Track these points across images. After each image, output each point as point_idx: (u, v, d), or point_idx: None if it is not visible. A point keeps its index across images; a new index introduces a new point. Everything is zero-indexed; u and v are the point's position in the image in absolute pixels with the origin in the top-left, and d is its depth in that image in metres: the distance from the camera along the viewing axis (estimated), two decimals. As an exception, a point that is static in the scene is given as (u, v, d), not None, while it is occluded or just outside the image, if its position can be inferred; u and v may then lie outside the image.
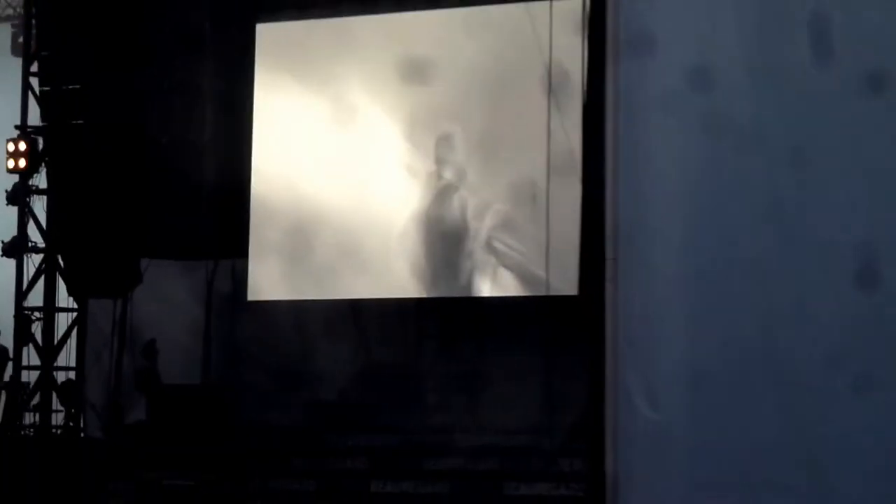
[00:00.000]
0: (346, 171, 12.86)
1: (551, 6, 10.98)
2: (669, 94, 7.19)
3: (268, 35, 13.46)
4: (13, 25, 15.55)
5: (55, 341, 12.36)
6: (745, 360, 7.64)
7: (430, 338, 12.30)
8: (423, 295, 12.92)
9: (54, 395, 12.33)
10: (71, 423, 12.32)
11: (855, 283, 6.70)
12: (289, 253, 12.97)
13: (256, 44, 13.21)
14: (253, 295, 13.06)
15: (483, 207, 12.50)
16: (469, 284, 12.65)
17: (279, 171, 12.98)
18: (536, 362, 11.36)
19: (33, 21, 13.38)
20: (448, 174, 12.43)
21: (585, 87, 8.47)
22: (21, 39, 13.95)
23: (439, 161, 12.46)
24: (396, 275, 13.03)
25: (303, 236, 12.93)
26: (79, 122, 12.60)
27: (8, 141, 12.44)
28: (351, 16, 13.66)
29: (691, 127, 6.84)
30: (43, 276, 12.31)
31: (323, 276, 13.10)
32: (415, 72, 12.52)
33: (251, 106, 12.87)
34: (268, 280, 13.18)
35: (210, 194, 12.59)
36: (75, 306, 12.68)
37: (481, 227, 12.46)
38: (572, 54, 8.61)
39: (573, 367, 9.15)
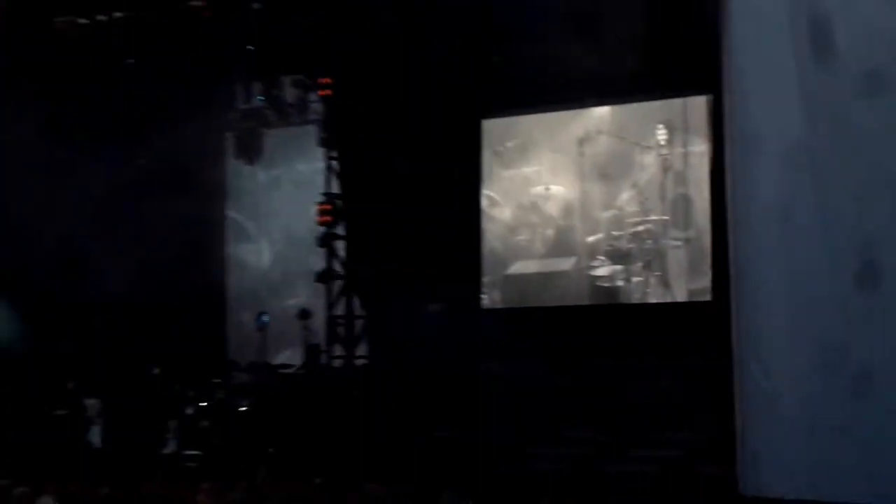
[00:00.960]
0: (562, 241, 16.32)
1: (685, 102, 14.92)
2: (774, 166, 10.31)
3: (492, 128, 17.30)
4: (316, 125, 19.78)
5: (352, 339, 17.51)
6: (839, 356, 9.90)
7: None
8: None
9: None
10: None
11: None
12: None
13: (482, 136, 17.28)
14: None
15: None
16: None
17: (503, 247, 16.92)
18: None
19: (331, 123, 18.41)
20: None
21: (712, 155, 12.21)
22: (324, 135, 18.79)
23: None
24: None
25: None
26: (362, 190, 17.67)
27: (318, 204, 17.44)
28: (560, 110, 16.90)
29: (790, 181, 10.23)
30: (344, 295, 17.53)
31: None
32: (605, 155, 15.91)
33: (478, 191, 17.09)
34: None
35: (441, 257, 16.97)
36: (364, 314, 17.83)
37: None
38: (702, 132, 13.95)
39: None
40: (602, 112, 15.92)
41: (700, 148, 14.88)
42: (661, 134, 15.02)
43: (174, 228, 18.76)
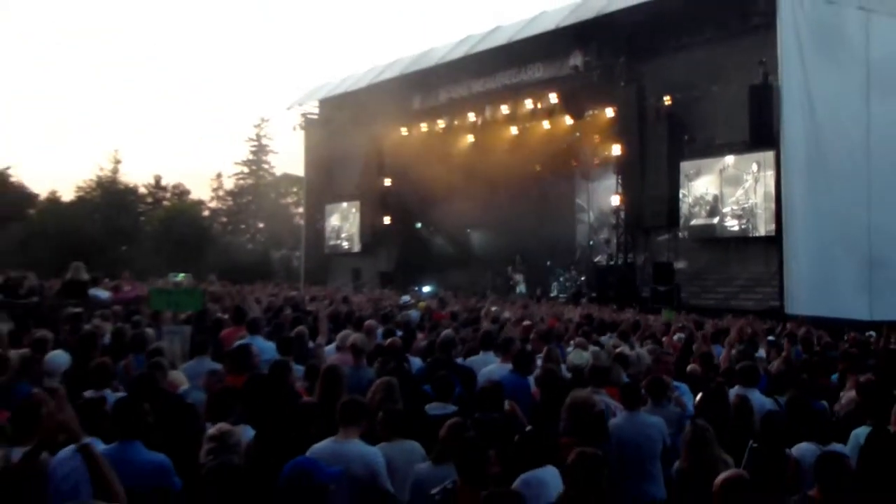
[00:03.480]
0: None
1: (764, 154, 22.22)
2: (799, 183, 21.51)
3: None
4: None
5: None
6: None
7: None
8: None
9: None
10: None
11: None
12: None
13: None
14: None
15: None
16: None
17: None
18: None
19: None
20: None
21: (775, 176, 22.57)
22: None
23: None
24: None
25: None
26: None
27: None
28: (712, 157, 25.18)
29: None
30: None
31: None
32: (730, 176, 24.50)
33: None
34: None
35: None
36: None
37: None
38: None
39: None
40: (728, 158, 24.34)
41: (769, 172, 22.73)
42: (754, 167, 23.42)
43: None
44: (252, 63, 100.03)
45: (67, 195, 56.04)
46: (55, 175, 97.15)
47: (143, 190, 58.63)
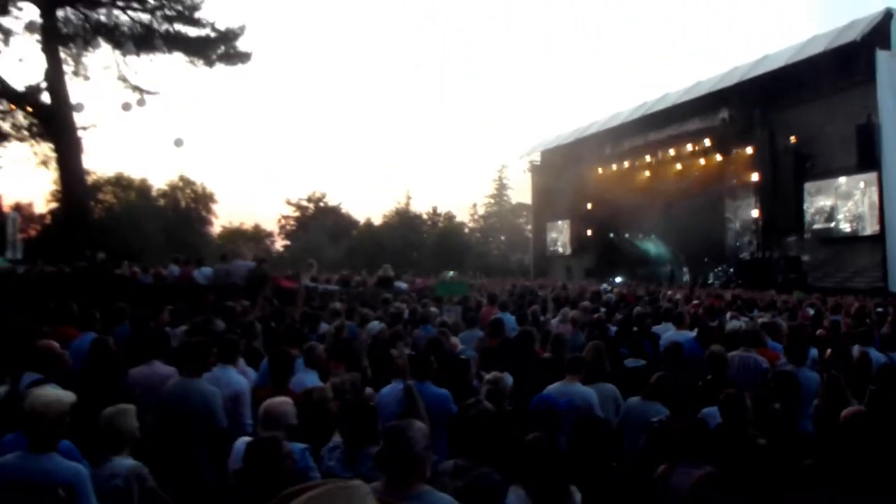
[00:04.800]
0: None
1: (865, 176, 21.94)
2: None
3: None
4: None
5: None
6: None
7: None
8: None
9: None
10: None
11: None
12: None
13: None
14: None
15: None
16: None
17: None
18: None
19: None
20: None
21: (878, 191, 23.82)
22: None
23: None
24: None
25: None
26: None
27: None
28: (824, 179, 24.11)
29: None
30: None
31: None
32: (840, 194, 24.42)
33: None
34: None
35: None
36: None
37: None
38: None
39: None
40: (841, 179, 23.59)
41: (873, 188, 22.01)
42: (861, 185, 22.67)
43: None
44: (495, 124, 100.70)
45: (377, 220, 58.85)
46: (369, 206, 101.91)
47: (425, 216, 60.67)
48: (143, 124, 73.14)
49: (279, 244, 58.37)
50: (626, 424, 5.76)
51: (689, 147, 29.06)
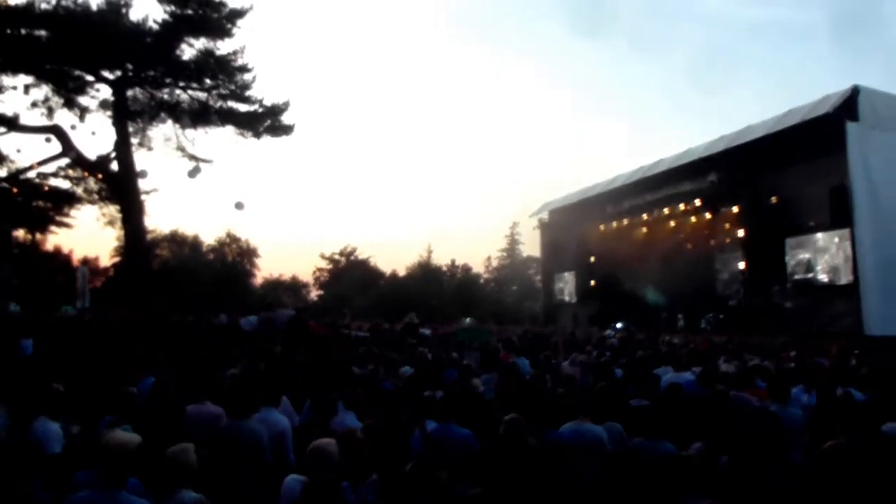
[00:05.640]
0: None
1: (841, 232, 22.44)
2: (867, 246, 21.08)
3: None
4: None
5: None
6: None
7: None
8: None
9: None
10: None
11: None
12: None
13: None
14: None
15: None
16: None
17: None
18: None
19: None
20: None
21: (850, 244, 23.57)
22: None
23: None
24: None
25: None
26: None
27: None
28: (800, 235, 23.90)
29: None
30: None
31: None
32: (818, 247, 25.78)
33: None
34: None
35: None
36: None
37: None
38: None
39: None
40: (819, 234, 23.22)
41: (847, 243, 21.77)
42: (836, 240, 22.40)
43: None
44: (508, 186, 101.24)
45: (401, 271, 58.87)
46: (395, 258, 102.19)
47: (444, 268, 60.67)
48: (198, 188, 74.04)
49: (314, 294, 58.46)
50: (632, 461, 5.65)
51: (682, 206, 29.08)
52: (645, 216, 31.63)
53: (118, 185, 28.60)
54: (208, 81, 29.88)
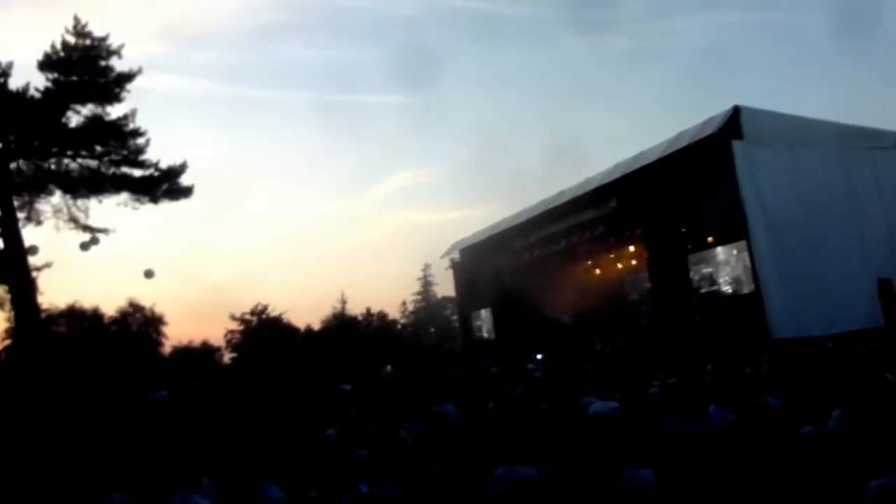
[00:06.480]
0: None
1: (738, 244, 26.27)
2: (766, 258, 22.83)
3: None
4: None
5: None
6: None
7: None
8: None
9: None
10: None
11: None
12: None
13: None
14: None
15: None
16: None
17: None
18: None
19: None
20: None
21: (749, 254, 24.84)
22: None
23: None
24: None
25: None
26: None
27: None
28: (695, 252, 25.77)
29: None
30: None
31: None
32: (720, 261, 26.28)
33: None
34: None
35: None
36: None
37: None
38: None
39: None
40: (719, 248, 24.56)
41: (745, 254, 22.64)
42: (735, 252, 23.64)
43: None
44: (415, 230, 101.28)
45: (316, 325, 57.86)
46: (308, 312, 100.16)
47: (359, 317, 60.05)
48: (97, 258, 70.81)
49: (227, 357, 56.62)
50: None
51: (587, 234, 29.58)
52: (553, 247, 32.06)
53: (5, 264, 27.08)
54: (98, 148, 29.00)
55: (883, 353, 10.97)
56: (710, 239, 24.78)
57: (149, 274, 22.03)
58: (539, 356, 29.05)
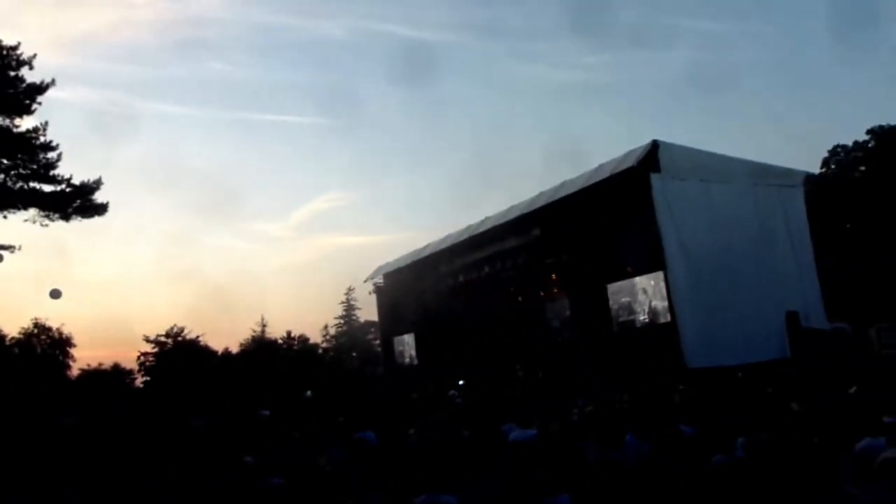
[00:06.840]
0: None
1: (657, 274, 26.76)
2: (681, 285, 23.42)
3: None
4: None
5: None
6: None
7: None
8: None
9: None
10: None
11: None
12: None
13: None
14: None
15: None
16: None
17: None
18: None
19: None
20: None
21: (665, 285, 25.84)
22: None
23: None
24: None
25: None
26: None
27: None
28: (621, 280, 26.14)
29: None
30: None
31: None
32: (632, 291, 27.86)
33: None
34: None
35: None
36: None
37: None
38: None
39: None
40: (637, 278, 24.60)
41: (662, 284, 23.03)
42: (653, 283, 23.81)
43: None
44: (337, 255, 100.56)
45: (234, 348, 56.61)
46: (226, 335, 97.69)
47: (280, 340, 59.00)
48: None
49: (139, 381, 54.57)
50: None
51: (510, 261, 29.87)
52: (476, 273, 32.28)
53: None
54: (6, 161, 27.81)
55: (789, 383, 11.41)
56: (628, 269, 25.19)
57: (55, 294, 21.08)
58: (461, 382, 28.99)
